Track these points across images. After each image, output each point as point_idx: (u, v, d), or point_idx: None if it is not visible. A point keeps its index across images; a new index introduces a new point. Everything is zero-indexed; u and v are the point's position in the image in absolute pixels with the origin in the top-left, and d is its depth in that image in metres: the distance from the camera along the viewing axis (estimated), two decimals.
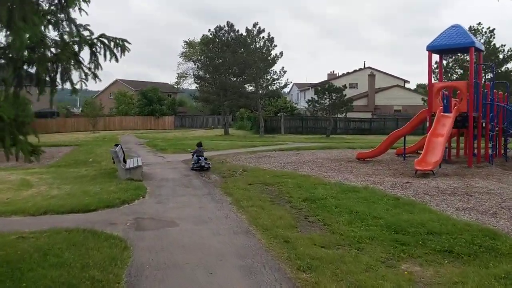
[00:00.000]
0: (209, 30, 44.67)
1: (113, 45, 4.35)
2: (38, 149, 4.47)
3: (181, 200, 9.32)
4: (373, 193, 9.29)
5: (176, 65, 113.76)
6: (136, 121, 51.30)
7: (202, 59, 40.18)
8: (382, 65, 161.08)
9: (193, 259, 5.49)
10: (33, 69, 4.05)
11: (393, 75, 54.51)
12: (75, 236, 6.29)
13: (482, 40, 35.15)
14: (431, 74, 16.68)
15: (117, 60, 4.45)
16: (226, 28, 37.10)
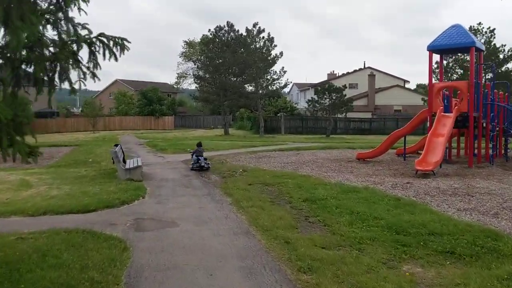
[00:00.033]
0: (209, 30, 44.70)
1: (113, 44, 4.31)
2: (36, 151, 4.42)
3: (181, 201, 9.28)
4: (374, 194, 9.25)
5: (176, 65, 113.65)
6: (136, 121, 51.28)
7: (202, 59, 40.13)
8: (382, 65, 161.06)
9: (193, 260, 5.45)
10: (32, 69, 4.01)
11: (393, 75, 54.50)
12: (74, 237, 6.26)
13: (483, 40, 35.13)
14: (432, 74, 16.65)
15: (117, 59, 4.41)
16: (226, 28, 37.07)
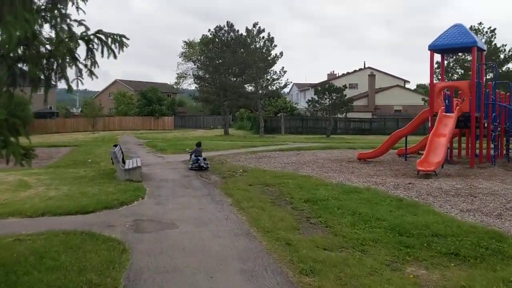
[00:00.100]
0: (209, 30, 44.58)
1: (111, 41, 4.21)
2: (30, 153, 4.30)
3: (181, 201, 9.19)
4: (376, 194, 9.16)
5: (176, 65, 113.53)
6: (136, 122, 51.22)
7: (202, 59, 40.05)
8: (382, 65, 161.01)
9: (193, 263, 5.36)
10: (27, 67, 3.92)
11: (393, 75, 54.43)
12: (73, 239, 6.17)
13: (483, 40, 35.05)
14: (433, 74, 16.57)
15: (115, 57, 4.31)
16: (226, 28, 36.98)
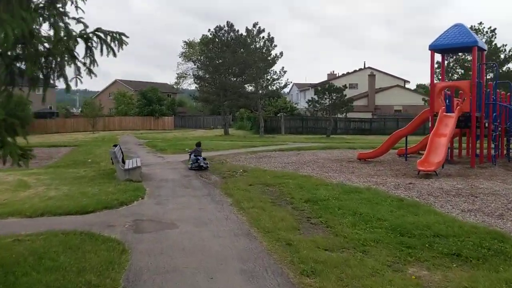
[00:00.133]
0: (209, 30, 44.45)
1: (110, 39, 4.16)
2: (28, 153, 4.25)
3: (181, 201, 9.15)
4: (376, 194, 9.13)
5: (176, 65, 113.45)
6: (136, 122, 51.18)
7: (202, 59, 40.00)
8: (382, 65, 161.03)
9: (193, 263, 5.32)
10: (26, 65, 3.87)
11: (393, 75, 54.38)
12: (72, 239, 6.13)
13: (484, 40, 34.99)
14: (433, 74, 16.53)
15: (115, 55, 4.27)
16: (226, 28, 36.93)
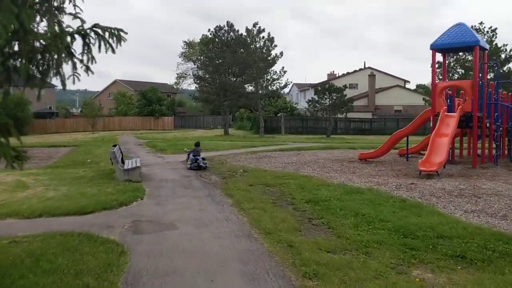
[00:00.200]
0: (209, 30, 44.26)
1: (108, 35, 4.07)
2: (22, 155, 4.14)
3: (181, 202, 9.06)
4: (378, 195, 9.04)
5: (176, 65, 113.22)
6: (136, 122, 51.07)
7: (202, 59, 39.88)
8: (382, 65, 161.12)
9: (193, 265, 5.23)
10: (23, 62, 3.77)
11: (393, 75, 54.24)
12: (70, 240, 6.04)
13: (484, 40, 34.92)
14: (435, 74, 16.45)
15: (114, 51, 4.16)
16: (226, 28, 36.81)
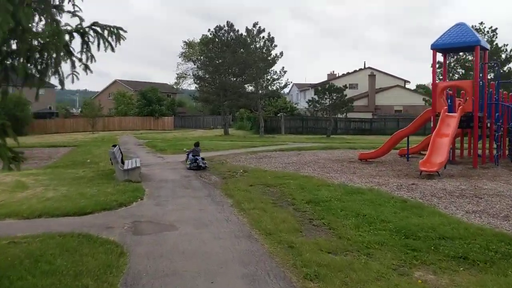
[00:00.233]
0: (209, 30, 44.21)
1: (107, 34, 4.03)
2: (19, 156, 4.09)
3: (181, 202, 9.02)
4: (379, 195, 9.00)
5: (176, 65, 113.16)
6: (136, 122, 51.03)
7: (202, 59, 39.84)
8: (382, 65, 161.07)
9: (193, 266, 5.19)
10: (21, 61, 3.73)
11: (393, 75, 54.21)
12: (69, 241, 6.00)
13: (485, 40, 34.90)
14: (435, 74, 16.41)
15: (113, 50, 4.13)
16: (226, 28, 36.77)
